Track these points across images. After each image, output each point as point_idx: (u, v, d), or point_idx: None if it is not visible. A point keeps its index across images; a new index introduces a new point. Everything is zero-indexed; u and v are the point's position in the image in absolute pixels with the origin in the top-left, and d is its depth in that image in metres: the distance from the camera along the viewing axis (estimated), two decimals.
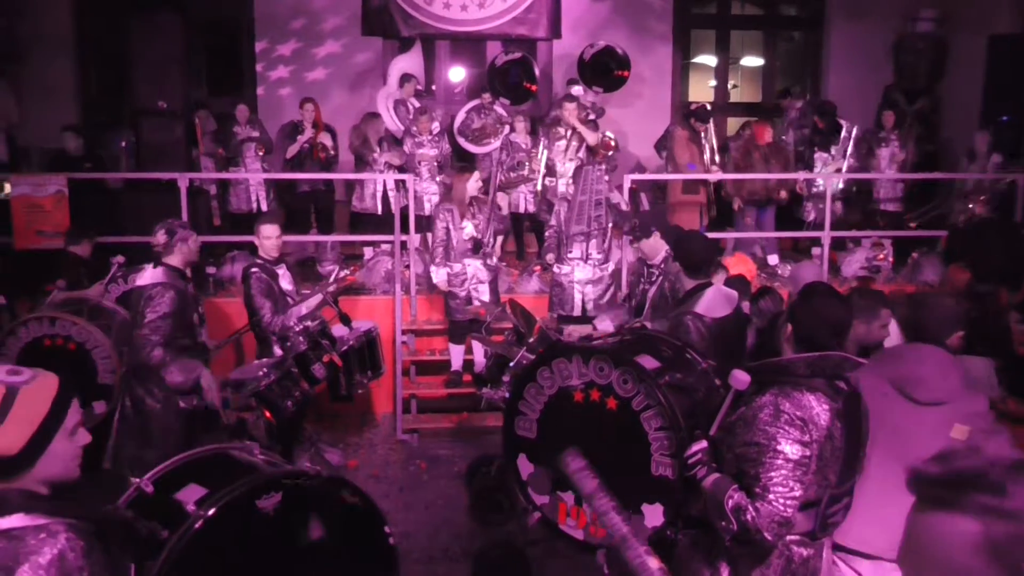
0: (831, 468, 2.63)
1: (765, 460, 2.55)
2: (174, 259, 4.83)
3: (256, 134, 8.83)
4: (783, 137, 9.38)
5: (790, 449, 2.53)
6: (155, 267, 4.80)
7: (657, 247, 5.21)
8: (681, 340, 4.05)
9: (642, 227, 5.35)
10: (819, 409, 2.59)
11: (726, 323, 4.24)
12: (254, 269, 5.47)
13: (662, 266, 5.17)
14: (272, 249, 5.58)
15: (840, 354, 2.66)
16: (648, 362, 3.45)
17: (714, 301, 4.26)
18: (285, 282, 5.61)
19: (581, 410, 3.51)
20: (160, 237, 4.86)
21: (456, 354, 6.96)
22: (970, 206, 8.64)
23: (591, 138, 7.82)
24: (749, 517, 2.52)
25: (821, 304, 2.77)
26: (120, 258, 6.08)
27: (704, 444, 2.72)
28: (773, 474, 2.53)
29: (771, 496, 2.52)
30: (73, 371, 5.08)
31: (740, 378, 2.67)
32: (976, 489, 1.14)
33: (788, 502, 2.52)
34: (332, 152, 8.83)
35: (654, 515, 3.33)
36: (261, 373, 4.74)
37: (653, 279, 5.21)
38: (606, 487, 2.63)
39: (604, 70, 9.34)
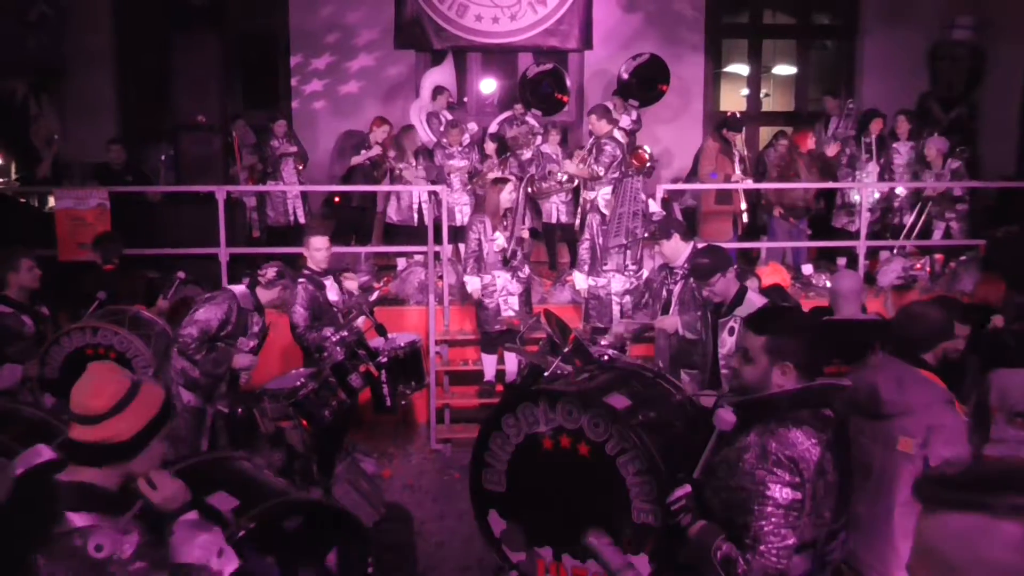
0: (826, 505, 2.45)
1: (754, 507, 2.36)
2: (265, 295, 5.20)
3: (293, 149, 8.94)
4: (824, 148, 9.29)
5: (780, 494, 2.35)
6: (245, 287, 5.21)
7: (679, 248, 5.20)
8: (654, 370, 3.93)
9: (661, 230, 5.35)
10: (808, 444, 2.40)
11: None
12: (301, 280, 5.63)
13: (686, 265, 5.16)
14: (322, 261, 5.73)
15: (824, 382, 2.53)
16: (618, 401, 3.22)
17: (758, 303, 4.28)
18: (332, 294, 5.75)
19: (551, 458, 3.26)
20: (270, 273, 5.18)
21: (489, 364, 6.99)
22: (949, 218, 8.53)
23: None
24: (740, 571, 2.36)
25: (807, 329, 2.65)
26: (181, 273, 6.28)
27: (687, 489, 2.54)
28: (763, 523, 2.35)
29: (763, 548, 2.34)
30: None
31: (725, 418, 2.48)
32: (1009, 490, 1.15)
33: (781, 552, 2.34)
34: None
35: (640, 565, 3.08)
36: (299, 383, 4.80)
37: (677, 279, 5.22)
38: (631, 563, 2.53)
39: (647, 83, 9.25)
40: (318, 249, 5.72)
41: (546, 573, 3.39)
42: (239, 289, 5.20)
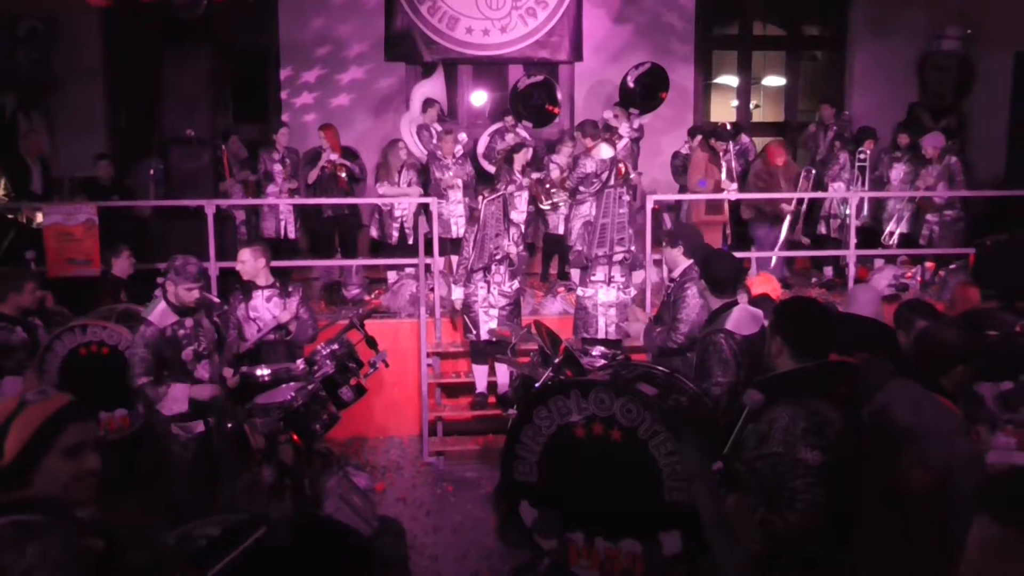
0: (845, 474, 2.59)
1: (786, 470, 2.52)
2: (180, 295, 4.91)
3: (294, 186, 8.82)
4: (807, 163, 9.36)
5: (811, 455, 2.50)
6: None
7: (676, 260, 5.14)
8: (671, 367, 4.02)
9: (670, 236, 5.29)
10: (832, 414, 2.59)
11: (754, 341, 4.18)
12: (236, 288, 5.85)
13: (678, 279, 5.12)
14: (245, 273, 5.77)
15: (834, 361, 2.69)
16: (648, 388, 3.47)
17: (742, 320, 4.21)
18: (260, 304, 5.74)
19: (584, 446, 3.48)
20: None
21: (480, 375, 6.95)
22: (932, 220, 8.59)
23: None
24: (779, 527, 2.49)
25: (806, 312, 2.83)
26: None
27: (719, 464, 2.66)
28: (797, 483, 2.50)
29: (799, 506, 2.48)
30: (111, 375, 5.21)
31: (755, 397, 2.65)
32: None
33: (816, 509, 2.48)
34: (358, 172, 8.87)
35: (672, 543, 3.33)
36: (289, 396, 4.78)
37: (683, 287, 5.13)
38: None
39: (648, 91, 9.24)
40: (239, 262, 5.78)
41: (578, 557, 3.57)
42: (156, 312, 4.77)
